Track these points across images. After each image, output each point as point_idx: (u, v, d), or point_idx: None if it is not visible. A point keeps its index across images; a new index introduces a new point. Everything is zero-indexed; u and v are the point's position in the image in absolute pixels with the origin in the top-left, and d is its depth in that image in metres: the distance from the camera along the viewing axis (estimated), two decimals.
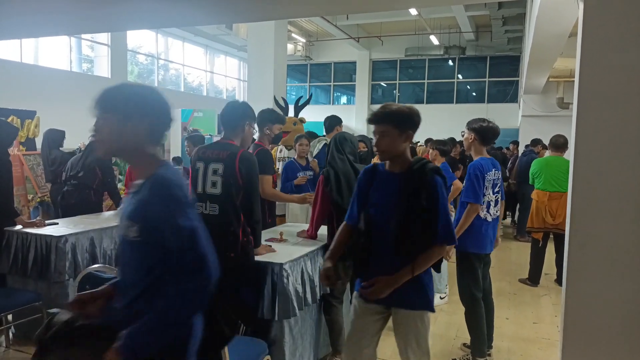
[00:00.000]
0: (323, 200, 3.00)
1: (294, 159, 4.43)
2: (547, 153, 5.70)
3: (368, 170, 2.24)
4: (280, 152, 4.76)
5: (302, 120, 5.20)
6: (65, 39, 11.17)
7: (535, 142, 7.67)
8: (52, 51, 11.08)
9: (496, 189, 3.21)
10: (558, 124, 9.26)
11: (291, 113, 5.53)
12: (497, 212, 3.24)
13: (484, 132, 3.12)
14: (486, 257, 3.30)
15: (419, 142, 10.84)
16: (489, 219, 3.18)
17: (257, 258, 2.65)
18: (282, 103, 5.04)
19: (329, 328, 3.05)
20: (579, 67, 2.14)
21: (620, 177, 2.05)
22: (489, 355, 3.37)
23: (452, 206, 4.70)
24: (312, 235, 3.14)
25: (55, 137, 5.41)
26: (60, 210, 4.31)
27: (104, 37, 11.84)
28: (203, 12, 3.52)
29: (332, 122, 4.61)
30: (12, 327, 3.38)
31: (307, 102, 5.21)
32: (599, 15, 2.10)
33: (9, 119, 5.76)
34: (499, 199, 3.25)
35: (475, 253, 3.18)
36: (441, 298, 4.54)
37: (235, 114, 2.75)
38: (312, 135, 5.02)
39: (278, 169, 4.73)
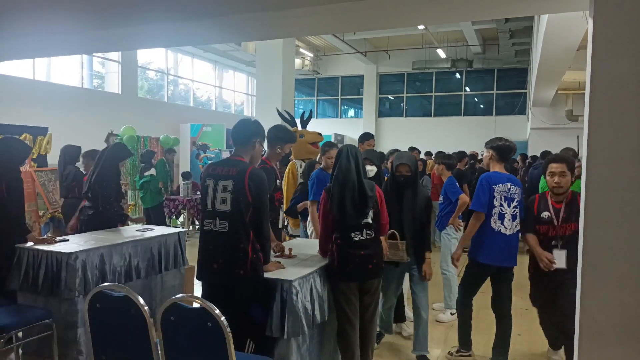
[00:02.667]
0: (325, 217, 2.94)
1: (321, 169, 4.21)
2: None
3: None
4: (301, 167, 4.55)
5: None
6: (76, 56, 11.35)
7: (545, 154, 7.61)
8: (64, 68, 11.26)
9: (513, 204, 3.30)
10: (567, 136, 9.22)
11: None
12: (515, 226, 3.31)
13: (500, 149, 3.37)
14: (507, 270, 3.38)
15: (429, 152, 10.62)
16: (504, 231, 3.27)
17: (266, 275, 2.64)
18: (287, 116, 4.98)
19: (342, 354, 2.96)
20: (589, 81, 2.14)
21: (634, 192, 2.03)
22: None
23: (460, 220, 4.68)
24: (321, 253, 3.08)
25: (70, 153, 5.47)
26: (80, 224, 4.31)
27: (114, 53, 12.02)
28: (212, 32, 3.56)
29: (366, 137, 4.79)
30: (22, 344, 3.38)
31: (311, 116, 5.19)
32: (609, 29, 2.09)
33: (22, 136, 5.84)
34: (517, 214, 3.32)
35: (482, 263, 3.32)
36: (452, 314, 4.48)
37: (246, 131, 2.77)
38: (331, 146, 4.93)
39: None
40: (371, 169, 3.72)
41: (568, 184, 3.16)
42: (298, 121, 5.29)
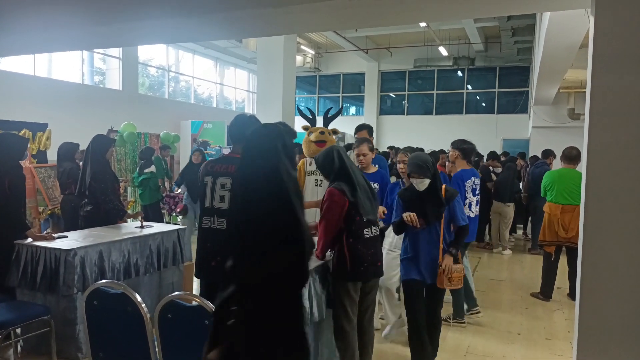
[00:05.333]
0: (333, 215, 2.82)
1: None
2: (558, 164, 5.63)
3: None
4: (310, 165, 4.21)
5: (335, 132, 4.70)
6: (77, 52, 11.33)
7: (547, 153, 7.58)
8: (65, 64, 11.24)
9: (476, 193, 4.24)
10: (569, 135, 9.18)
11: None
12: (477, 210, 4.28)
13: (465, 150, 4.23)
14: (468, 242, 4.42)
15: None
16: (472, 215, 4.16)
17: None
18: (308, 114, 4.72)
19: (341, 355, 2.91)
20: (590, 80, 2.12)
21: (635, 192, 2.01)
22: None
23: None
24: (319, 256, 2.93)
25: (66, 150, 5.46)
26: (80, 220, 4.31)
27: (115, 50, 11.99)
28: (213, 29, 3.55)
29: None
30: (21, 341, 3.39)
31: (338, 113, 4.89)
32: (610, 28, 2.08)
33: (22, 132, 5.83)
34: (479, 200, 4.31)
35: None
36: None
37: (243, 128, 2.74)
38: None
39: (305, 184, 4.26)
40: (421, 181, 3.03)
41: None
42: (320, 119, 4.97)
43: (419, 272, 3.10)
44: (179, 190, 7.36)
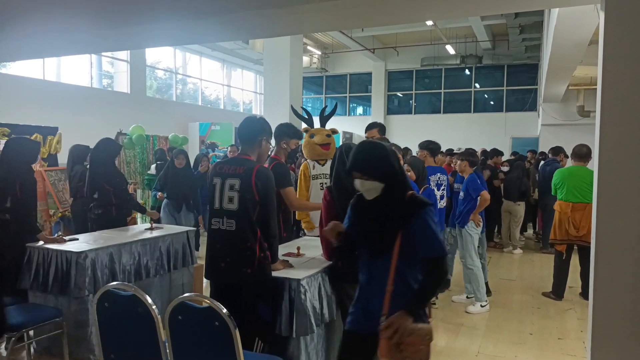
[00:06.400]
0: (325, 214, 2.81)
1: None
2: (569, 162, 5.58)
3: None
4: (313, 169, 4.00)
5: (334, 131, 4.48)
6: (86, 56, 11.43)
7: (557, 150, 7.50)
8: (74, 68, 11.34)
9: (441, 188, 4.63)
10: (579, 133, 9.10)
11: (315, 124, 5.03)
12: (443, 204, 4.67)
13: (432, 149, 4.73)
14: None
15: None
16: (438, 207, 4.50)
17: (274, 273, 2.63)
18: (303, 114, 4.64)
19: None
20: (601, 76, 2.10)
21: None
22: None
23: (480, 216, 4.68)
24: (326, 257, 2.95)
25: (78, 153, 5.50)
26: (90, 223, 4.37)
27: (123, 53, 12.08)
28: (219, 30, 3.55)
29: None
30: (34, 342, 3.42)
31: (333, 112, 4.77)
32: (620, 24, 2.05)
33: (33, 136, 5.89)
34: (444, 195, 4.71)
35: None
36: (482, 306, 4.58)
37: (252, 130, 2.76)
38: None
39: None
40: (369, 185, 2.15)
41: None
42: (317, 119, 4.88)
43: (361, 318, 2.19)
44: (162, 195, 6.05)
